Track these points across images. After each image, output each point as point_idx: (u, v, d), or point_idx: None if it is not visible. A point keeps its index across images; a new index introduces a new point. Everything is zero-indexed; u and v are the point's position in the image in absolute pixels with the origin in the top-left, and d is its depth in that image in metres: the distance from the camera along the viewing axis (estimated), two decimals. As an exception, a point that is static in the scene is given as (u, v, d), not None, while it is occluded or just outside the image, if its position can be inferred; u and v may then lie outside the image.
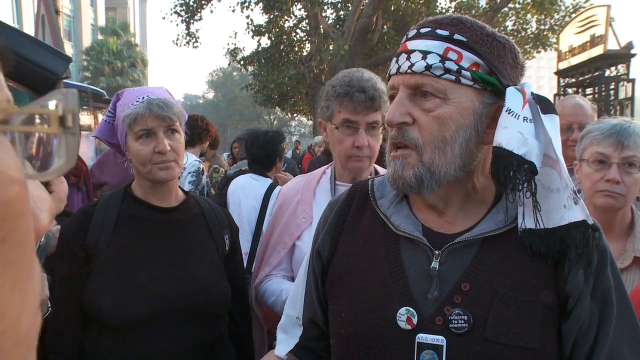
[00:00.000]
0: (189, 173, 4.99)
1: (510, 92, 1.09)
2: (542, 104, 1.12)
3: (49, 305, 1.73)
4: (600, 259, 1.12)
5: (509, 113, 1.08)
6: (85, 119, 10.58)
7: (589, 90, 14.01)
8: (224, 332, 1.96)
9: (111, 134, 1.94)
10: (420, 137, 1.10)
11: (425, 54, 1.10)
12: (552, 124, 1.10)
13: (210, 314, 1.86)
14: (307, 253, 1.41)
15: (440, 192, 1.14)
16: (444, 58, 1.09)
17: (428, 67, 1.09)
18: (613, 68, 13.51)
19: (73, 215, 1.92)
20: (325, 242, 1.30)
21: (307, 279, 1.36)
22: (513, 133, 1.06)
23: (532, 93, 1.13)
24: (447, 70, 1.09)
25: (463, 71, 1.09)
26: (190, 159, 5.21)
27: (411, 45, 1.14)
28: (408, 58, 1.12)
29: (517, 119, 1.08)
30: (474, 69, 1.10)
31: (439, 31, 1.12)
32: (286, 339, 1.40)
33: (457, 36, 1.11)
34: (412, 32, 1.17)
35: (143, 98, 1.80)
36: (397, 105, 1.12)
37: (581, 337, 1.09)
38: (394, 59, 1.17)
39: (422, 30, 1.14)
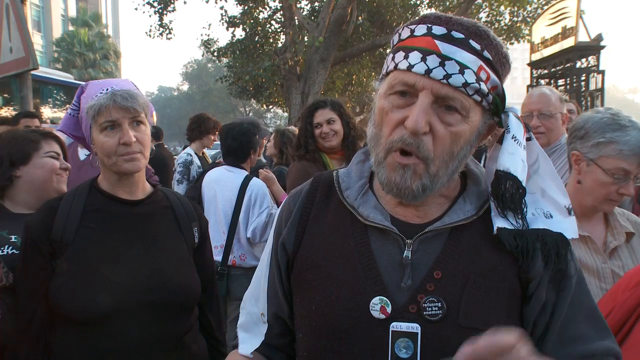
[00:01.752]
0: (178, 164, 5.46)
1: (513, 119, 1.18)
2: (528, 130, 1.22)
3: None
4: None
5: (514, 140, 1.17)
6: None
7: (560, 82, 14.22)
8: (193, 324, 1.96)
9: (76, 127, 1.91)
10: (433, 149, 1.09)
11: (462, 67, 1.07)
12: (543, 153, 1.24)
13: (178, 306, 1.85)
14: (267, 248, 1.38)
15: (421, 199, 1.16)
16: (478, 77, 1.08)
17: (465, 85, 1.07)
18: (584, 60, 13.73)
19: (38, 209, 1.87)
20: (290, 235, 1.28)
21: (269, 273, 1.34)
22: (518, 160, 1.16)
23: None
24: (478, 91, 1.09)
25: (489, 95, 1.11)
26: (182, 152, 5.62)
27: (444, 49, 1.07)
28: (442, 64, 1.06)
29: (520, 146, 1.17)
30: (493, 91, 1.13)
31: (472, 42, 1.08)
32: (249, 338, 1.37)
33: (486, 53, 1.09)
34: (439, 30, 1.09)
35: (107, 89, 1.77)
36: (423, 112, 1.06)
37: (539, 317, 1.15)
38: (417, 53, 1.09)
39: (455, 35, 1.08)
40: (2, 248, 2.03)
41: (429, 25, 1.11)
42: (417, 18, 1.16)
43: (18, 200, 2.19)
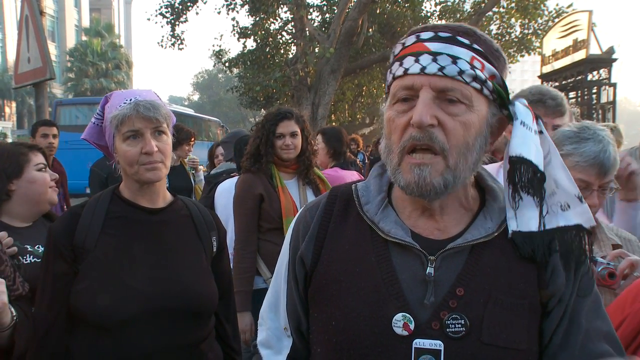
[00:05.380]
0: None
1: (520, 107, 1.18)
2: (538, 119, 1.21)
3: (14, 314, 1.72)
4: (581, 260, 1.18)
5: (524, 126, 1.17)
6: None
7: (572, 94, 14.18)
8: (210, 332, 1.97)
9: (99, 136, 1.94)
10: (447, 141, 1.10)
11: (454, 58, 1.10)
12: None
13: (196, 314, 1.86)
14: (282, 261, 1.37)
15: (445, 197, 1.16)
16: (472, 66, 1.10)
17: (460, 73, 1.09)
18: (595, 72, 13.70)
19: (61, 215, 1.91)
20: (308, 249, 1.26)
21: (287, 287, 1.33)
22: (531, 145, 1.17)
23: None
24: (475, 78, 1.11)
25: (488, 82, 1.13)
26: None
27: (434, 47, 1.11)
28: (435, 60, 1.10)
29: (531, 132, 1.17)
30: (492, 80, 1.14)
31: (459, 38, 1.12)
32: (273, 354, 1.36)
33: (475, 46, 1.12)
34: (427, 34, 1.14)
35: (130, 100, 1.80)
36: (426, 106, 1.08)
37: (557, 331, 1.15)
38: (410, 58, 1.13)
39: (442, 35, 1.12)
40: (25, 257, 2.08)
41: (418, 34, 1.16)
42: (407, 34, 1.21)
43: (14, 214, 2.25)
